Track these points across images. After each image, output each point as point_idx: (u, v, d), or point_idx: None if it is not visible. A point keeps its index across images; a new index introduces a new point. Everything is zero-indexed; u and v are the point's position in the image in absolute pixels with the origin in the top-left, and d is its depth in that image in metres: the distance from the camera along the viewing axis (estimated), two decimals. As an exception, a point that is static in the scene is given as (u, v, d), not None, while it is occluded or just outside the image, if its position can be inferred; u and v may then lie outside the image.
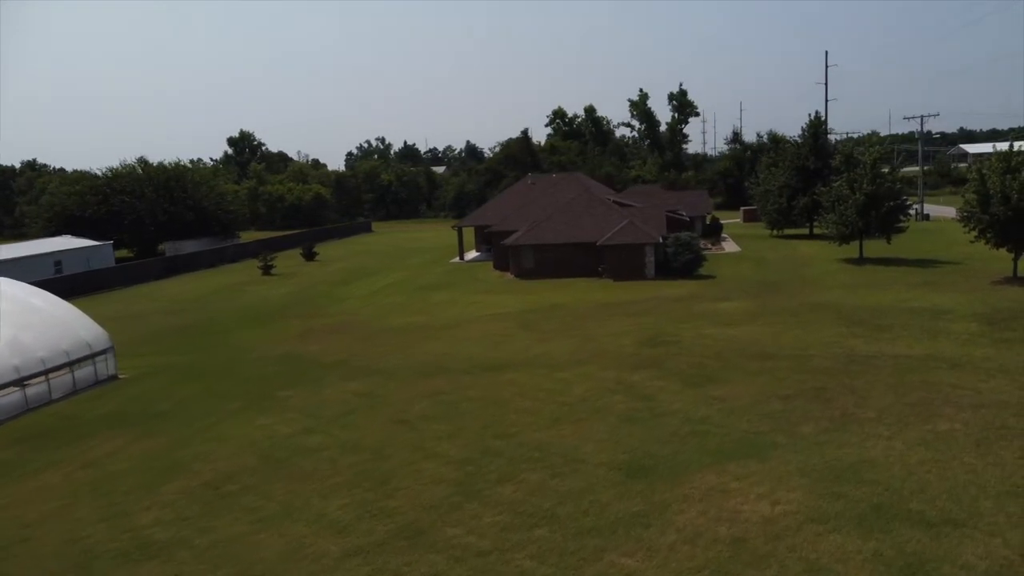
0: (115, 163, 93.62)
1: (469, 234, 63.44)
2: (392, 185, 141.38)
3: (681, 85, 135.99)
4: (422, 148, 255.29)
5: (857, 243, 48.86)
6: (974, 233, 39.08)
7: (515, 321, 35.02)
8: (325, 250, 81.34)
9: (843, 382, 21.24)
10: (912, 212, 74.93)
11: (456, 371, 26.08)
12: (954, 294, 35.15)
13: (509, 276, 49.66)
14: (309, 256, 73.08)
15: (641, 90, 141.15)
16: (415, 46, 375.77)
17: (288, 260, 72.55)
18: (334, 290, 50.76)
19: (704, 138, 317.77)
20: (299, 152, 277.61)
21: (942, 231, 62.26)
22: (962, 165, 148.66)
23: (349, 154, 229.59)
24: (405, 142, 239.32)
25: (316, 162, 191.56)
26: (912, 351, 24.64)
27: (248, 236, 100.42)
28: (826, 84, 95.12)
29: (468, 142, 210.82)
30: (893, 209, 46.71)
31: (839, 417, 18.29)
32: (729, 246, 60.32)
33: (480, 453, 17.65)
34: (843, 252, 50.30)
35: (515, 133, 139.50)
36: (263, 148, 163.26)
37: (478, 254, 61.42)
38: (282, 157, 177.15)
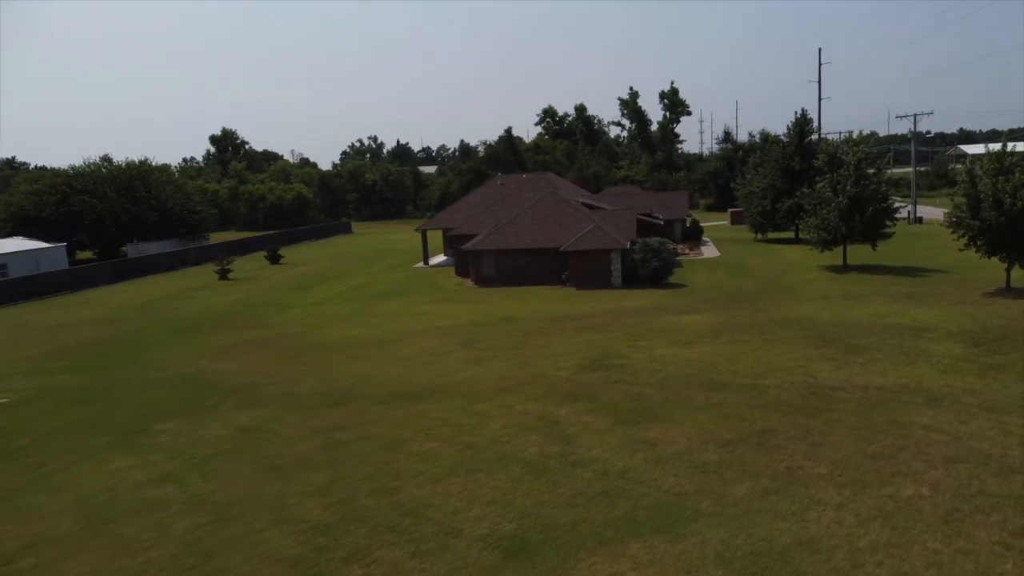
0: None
1: (438, 237, 60.31)
2: (377, 185, 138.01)
3: (672, 83, 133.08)
4: (416, 147, 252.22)
5: (841, 249, 45.68)
6: (963, 240, 35.86)
7: (457, 336, 31.82)
8: (296, 252, 78.18)
9: (797, 422, 18.02)
10: (905, 214, 71.89)
11: (368, 399, 22.89)
12: (940, 308, 31.94)
13: (469, 283, 46.45)
14: (274, 259, 69.87)
15: (631, 88, 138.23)
16: (410, 45, 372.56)
17: (253, 263, 69.45)
18: (284, 297, 47.55)
19: (701, 138, 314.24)
20: (292, 151, 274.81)
21: (933, 236, 59.05)
22: (959, 166, 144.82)
23: (344, 154, 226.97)
24: (398, 141, 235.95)
25: (306, 161, 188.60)
26: (885, 380, 21.42)
27: (223, 237, 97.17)
28: (819, 82, 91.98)
29: (462, 141, 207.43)
30: (878, 213, 43.47)
31: (783, 473, 15.06)
32: (708, 251, 57.08)
33: (342, 517, 14.44)
34: (827, 259, 47.12)
35: (515, 131, 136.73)
36: (247, 147, 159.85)
37: (445, 259, 58.17)
38: (267, 156, 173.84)
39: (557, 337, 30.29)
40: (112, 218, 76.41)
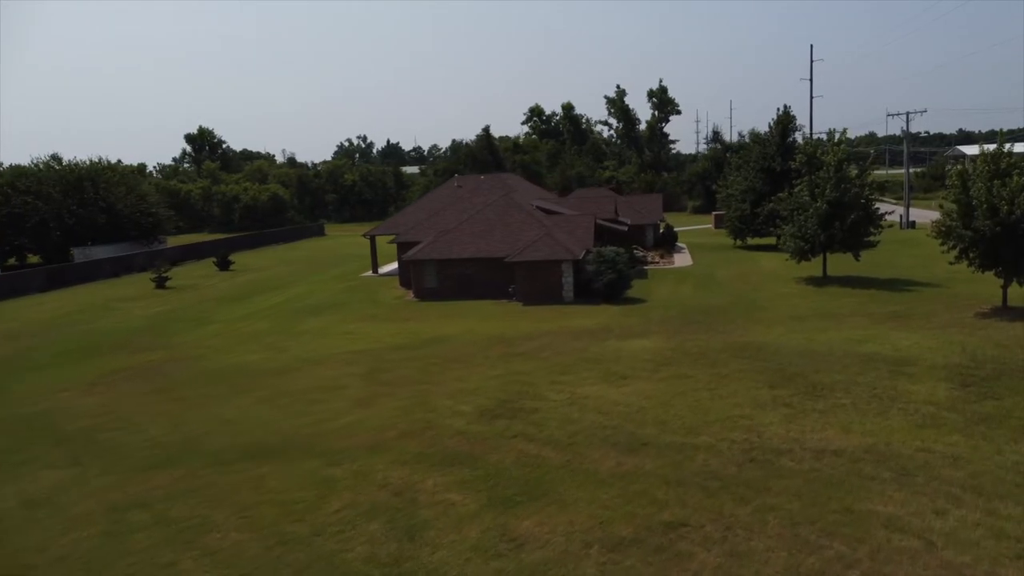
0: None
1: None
2: (356, 185, 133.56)
3: (661, 81, 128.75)
4: (407, 147, 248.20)
5: (820, 260, 41.26)
6: (953, 252, 31.46)
7: (366, 365, 27.41)
8: (256, 257, 73.81)
9: (722, 510, 13.57)
10: (897, 218, 67.41)
11: (208, 456, 18.45)
12: (926, 332, 27.52)
13: (410, 296, 42.01)
14: (223, 265, 65.43)
15: (618, 86, 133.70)
16: (404, 44, 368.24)
17: (202, 270, 65.06)
18: (211, 311, 43.13)
19: (697, 138, 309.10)
20: (283, 151, 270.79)
21: (925, 243, 54.46)
22: (951, 167, 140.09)
23: (335, 154, 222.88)
24: (388, 140, 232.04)
25: (292, 161, 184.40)
26: (846, 440, 16.97)
27: (185, 240, 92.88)
28: (811, 80, 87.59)
29: (454, 140, 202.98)
30: (861, 220, 39.03)
31: (677, 607, 10.64)
32: (681, 259, 52.64)
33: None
34: (806, 269, 42.67)
35: (504, 130, 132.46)
36: (224, 146, 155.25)
37: (395, 267, 53.69)
38: (246, 155, 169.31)
39: (477, 367, 25.85)
40: (57, 221, 71.99)
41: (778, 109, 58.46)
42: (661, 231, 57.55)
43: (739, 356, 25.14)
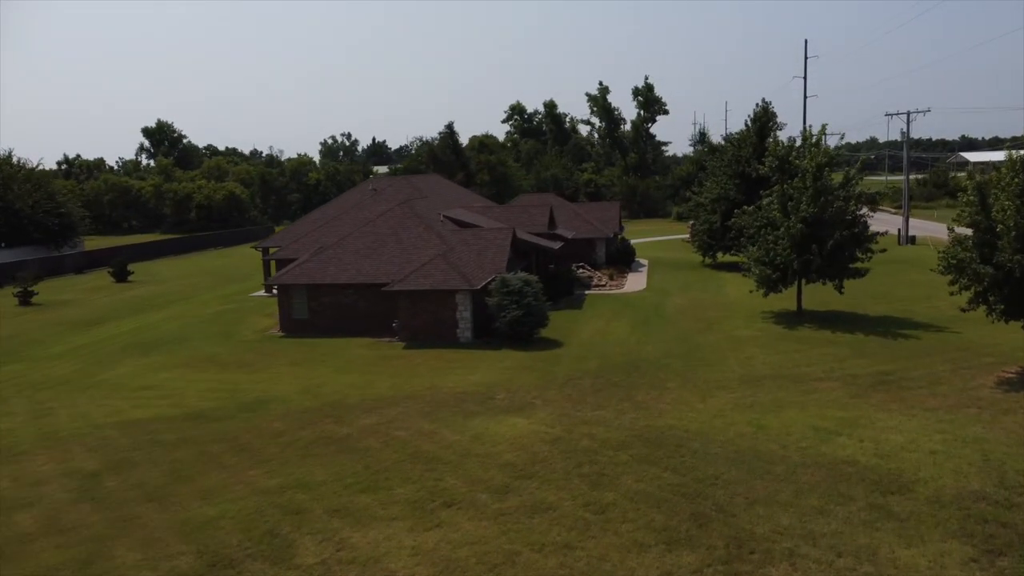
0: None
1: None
2: (321, 184, 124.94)
3: (647, 79, 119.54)
4: (394, 145, 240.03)
5: (794, 289, 32.62)
6: (966, 295, 22.88)
7: (109, 455, 18.90)
8: (171, 266, 65.23)
9: None
10: (894, 232, 58.76)
11: None
12: (926, 416, 18.91)
13: (275, 330, 33.31)
14: (120, 276, 56.82)
15: (601, 83, 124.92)
16: (401, 44, 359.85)
17: (97, 281, 56.50)
18: (38, 340, 34.63)
19: (693, 141, 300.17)
20: (271, 147, 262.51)
21: (926, 263, 45.79)
22: (962, 174, 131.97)
23: (320, 152, 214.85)
24: (374, 139, 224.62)
25: (272, 159, 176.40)
26: None
27: (110, 242, 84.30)
28: (805, 78, 78.78)
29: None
30: (846, 242, 30.42)
31: None
32: (634, 280, 43.94)
33: None
34: (778, 299, 33.94)
35: (493, 130, 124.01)
36: (185, 140, 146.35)
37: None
38: (212, 151, 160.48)
39: (251, 469, 17.27)
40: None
41: (757, 104, 49.80)
42: (616, 246, 48.88)
43: (642, 462, 16.50)
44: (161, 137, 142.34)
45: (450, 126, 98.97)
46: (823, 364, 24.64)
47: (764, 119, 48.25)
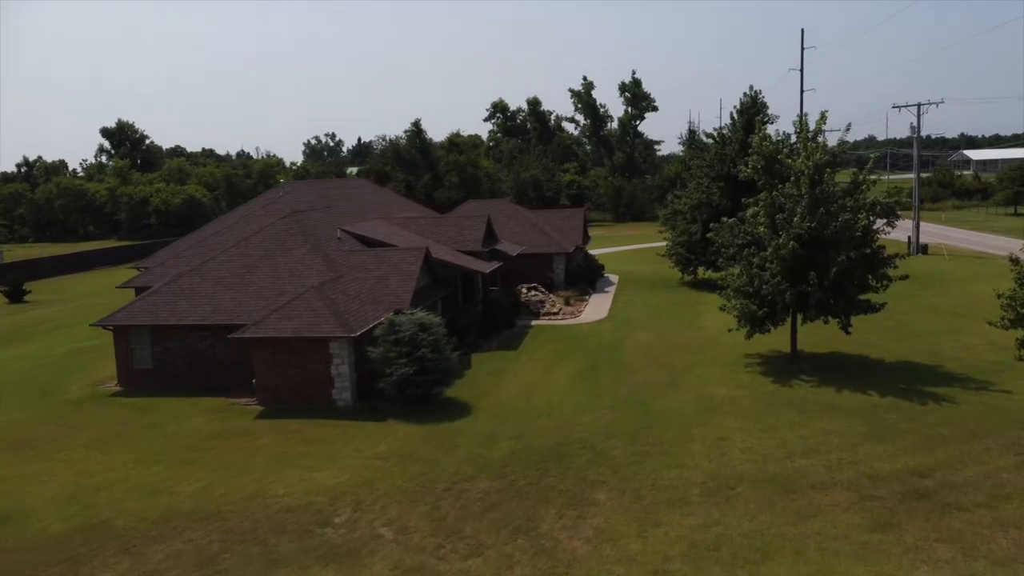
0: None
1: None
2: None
3: (634, 74, 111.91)
4: (379, 146, 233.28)
5: (789, 324, 24.99)
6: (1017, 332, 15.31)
7: None
8: (92, 281, 57.14)
9: None
10: (905, 239, 51.11)
11: None
12: (993, 573, 11.40)
13: (112, 384, 25.61)
14: (14, 296, 49.25)
15: (585, 78, 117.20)
16: (388, 42, 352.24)
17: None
18: None
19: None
20: (257, 148, 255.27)
21: (947, 279, 38.34)
22: (966, 173, 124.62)
23: (304, 153, 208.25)
24: (360, 139, 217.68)
25: (248, 156, 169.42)
26: None
27: (37, 252, 76.83)
28: (801, 71, 71.59)
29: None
30: (855, 267, 22.83)
31: None
32: (596, 305, 36.28)
33: None
34: (768, 335, 26.20)
35: (476, 129, 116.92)
36: (148, 141, 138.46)
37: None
38: (178, 151, 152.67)
39: None
40: None
41: (744, 93, 42.14)
42: (578, 262, 41.26)
43: None
44: (122, 138, 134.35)
45: (417, 123, 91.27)
46: (827, 453, 17.06)
47: (752, 111, 40.59)
